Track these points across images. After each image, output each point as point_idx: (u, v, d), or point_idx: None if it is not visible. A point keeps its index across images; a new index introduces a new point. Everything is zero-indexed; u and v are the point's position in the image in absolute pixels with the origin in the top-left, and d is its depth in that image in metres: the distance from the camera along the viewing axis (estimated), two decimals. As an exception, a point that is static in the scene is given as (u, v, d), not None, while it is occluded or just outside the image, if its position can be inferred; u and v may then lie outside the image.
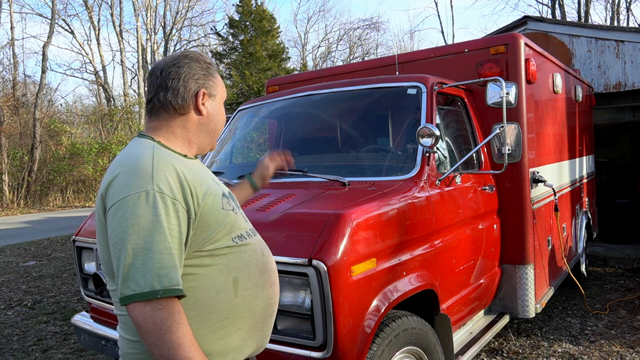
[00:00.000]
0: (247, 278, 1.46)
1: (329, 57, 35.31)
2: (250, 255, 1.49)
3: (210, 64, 1.56)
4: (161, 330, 1.24)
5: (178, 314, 1.27)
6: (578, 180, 5.62)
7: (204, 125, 1.54)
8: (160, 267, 1.26)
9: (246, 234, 1.52)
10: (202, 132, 1.55)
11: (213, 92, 1.55)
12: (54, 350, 4.44)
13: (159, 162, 1.36)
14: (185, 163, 1.46)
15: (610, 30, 7.59)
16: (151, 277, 1.25)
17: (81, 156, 20.73)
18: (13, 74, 23.28)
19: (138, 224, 1.27)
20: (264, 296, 1.51)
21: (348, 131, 3.60)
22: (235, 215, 1.49)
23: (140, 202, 1.28)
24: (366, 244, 2.34)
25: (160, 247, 1.27)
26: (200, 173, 1.47)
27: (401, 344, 2.43)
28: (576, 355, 3.92)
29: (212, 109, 1.55)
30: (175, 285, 1.27)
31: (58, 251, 9.42)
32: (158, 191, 1.30)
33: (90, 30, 33.91)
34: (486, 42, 3.84)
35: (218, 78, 1.58)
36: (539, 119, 4.20)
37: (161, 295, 1.24)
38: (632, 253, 7.13)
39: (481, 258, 3.40)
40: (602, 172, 9.23)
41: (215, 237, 1.41)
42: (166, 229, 1.28)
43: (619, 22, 24.49)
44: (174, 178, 1.35)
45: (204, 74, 1.53)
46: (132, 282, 1.25)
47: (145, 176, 1.32)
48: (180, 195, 1.34)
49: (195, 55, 1.54)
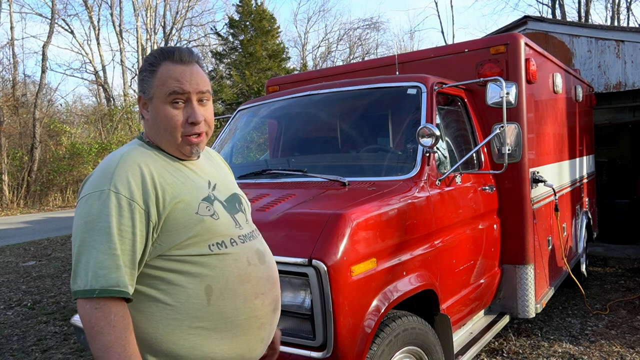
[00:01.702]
0: (224, 288, 1.41)
1: (329, 57, 35.34)
2: (230, 264, 1.43)
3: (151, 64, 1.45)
4: (94, 330, 1.25)
5: (115, 316, 1.26)
6: (578, 180, 5.62)
7: (154, 128, 1.48)
8: (100, 267, 1.26)
9: (230, 242, 1.45)
10: (158, 133, 1.47)
11: (147, 96, 1.46)
12: (54, 350, 4.44)
13: (124, 162, 1.36)
14: (167, 164, 1.45)
15: (610, 30, 7.59)
16: (91, 276, 1.26)
17: (81, 156, 20.72)
18: (13, 73, 23.30)
19: (90, 222, 1.30)
20: (246, 308, 1.44)
21: (348, 131, 3.60)
22: (214, 221, 1.43)
23: (95, 201, 1.31)
24: (366, 244, 2.34)
25: (104, 247, 1.27)
26: (182, 176, 1.44)
27: (401, 344, 2.43)
28: (576, 356, 3.92)
29: (152, 113, 1.46)
30: (114, 286, 1.26)
31: (58, 251, 9.42)
32: (114, 191, 1.31)
33: (90, 30, 33.93)
34: (486, 42, 3.84)
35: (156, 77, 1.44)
36: (539, 119, 4.20)
37: (97, 295, 1.25)
38: (632, 253, 7.13)
39: (481, 258, 3.40)
40: (602, 172, 9.23)
41: (185, 243, 1.37)
42: (114, 229, 1.29)
43: (619, 22, 24.49)
44: (136, 178, 1.34)
45: (141, 79, 1.48)
46: (78, 279, 1.28)
47: (106, 176, 1.34)
48: (139, 196, 1.33)
49: (146, 58, 1.50)
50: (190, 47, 1.54)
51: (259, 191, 2.85)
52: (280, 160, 3.98)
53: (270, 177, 3.21)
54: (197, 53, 1.54)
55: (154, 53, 1.48)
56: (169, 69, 1.44)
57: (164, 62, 1.45)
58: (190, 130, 1.45)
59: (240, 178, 3.19)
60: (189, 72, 1.45)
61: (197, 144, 1.48)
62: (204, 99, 1.49)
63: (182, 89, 1.43)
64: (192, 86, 1.45)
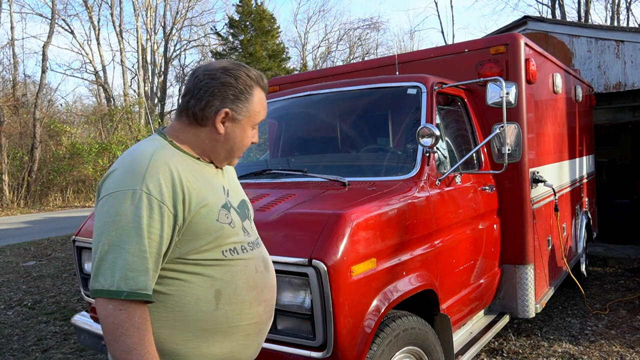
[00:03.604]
0: (233, 293, 1.42)
1: (329, 57, 35.33)
2: (241, 270, 1.45)
3: (249, 87, 1.46)
4: (117, 331, 1.24)
5: (140, 318, 1.26)
6: (578, 180, 5.62)
7: (220, 142, 1.48)
8: (130, 269, 1.26)
9: (241, 249, 1.47)
10: (217, 148, 1.49)
11: (238, 117, 1.46)
12: (54, 350, 4.44)
13: (155, 162, 1.34)
14: (192, 166, 1.43)
15: (610, 30, 7.60)
16: (119, 277, 1.25)
17: (81, 156, 20.71)
18: (13, 74, 23.30)
19: (119, 221, 1.28)
20: (249, 314, 1.47)
21: (348, 131, 3.60)
22: (231, 229, 1.45)
23: (126, 200, 1.29)
24: (366, 244, 2.34)
25: (135, 249, 1.27)
26: (204, 180, 1.44)
27: (401, 344, 2.43)
28: (576, 355, 3.92)
29: (232, 132, 1.47)
30: (142, 289, 1.26)
31: (58, 251, 9.42)
32: (146, 192, 1.29)
33: (90, 30, 33.92)
34: (486, 42, 3.84)
35: (253, 103, 1.48)
36: (539, 119, 4.20)
37: (125, 297, 1.24)
38: (632, 253, 7.13)
39: (481, 258, 3.40)
40: (602, 172, 9.23)
41: (203, 248, 1.38)
42: (145, 231, 1.28)
43: (619, 22, 24.49)
44: (167, 180, 1.33)
45: (234, 95, 1.44)
46: (101, 277, 1.26)
47: (137, 174, 1.31)
48: (169, 199, 1.32)
49: (236, 73, 1.45)
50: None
51: (259, 191, 2.85)
52: (280, 160, 3.98)
53: (270, 177, 3.21)
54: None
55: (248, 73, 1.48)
56: (261, 98, 1.52)
57: (256, 88, 1.50)
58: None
59: (241, 178, 3.16)
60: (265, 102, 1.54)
61: None
62: None
63: (264, 118, 1.54)
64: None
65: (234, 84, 1.44)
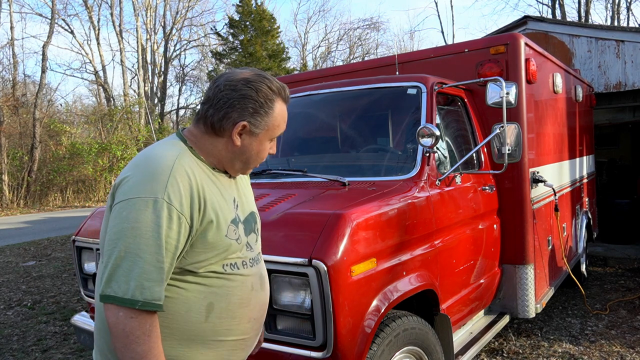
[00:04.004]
0: (225, 308, 1.42)
1: (329, 57, 35.35)
2: (237, 286, 1.44)
3: (269, 100, 1.43)
4: (128, 339, 1.24)
5: (150, 326, 1.26)
6: (578, 180, 5.62)
7: (236, 154, 1.46)
8: (146, 278, 1.25)
9: (242, 264, 1.47)
10: (233, 160, 1.47)
11: (256, 130, 1.43)
12: (54, 350, 4.44)
13: (177, 171, 1.33)
14: (208, 176, 1.43)
15: (610, 30, 7.59)
16: (134, 286, 1.24)
17: (81, 156, 20.71)
18: (13, 73, 23.30)
19: (138, 228, 1.26)
20: (237, 330, 1.46)
21: (348, 131, 3.60)
22: (237, 244, 1.44)
23: (147, 209, 1.27)
24: (366, 244, 2.34)
25: (152, 259, 1.26)
26: (218, 192, 1.43)
27: (401, 344, 2.43)
28: (576, 356, 3.92)
29: (248, 144, 1.45)
30: (157, 300, 1.27)
31: (58, 251, 9.42)
32: (167, 202, 1.28)
33: (90, 30, 33.90)
34: (486, 42, 3.84)
35: (272, 117, 1.45)
36: (539, 119, 4.20)
37: (139, 307, 1.24)
38: (632, 253, 7.13)
39: (481, 258, 3.40)
40: (602, 172, 9.23)
41: (209, 262, 1.38)
42: (163, 242, 1.27)
43: (619, 22, 24.49)
44: (186, 190, 1.32)
45: (253, 109, 1.41)
46: (115, 284, 1.25)
47: (160, 182, 1.30)
48: (187, 209, 1.32)
49: (257, 86, 1.42)
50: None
51: (259, 191, 2.85)
52: (280, 160, 3.98)
53: (270, 177, 3.21)
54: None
55: (270, 86, 1.44)
56: (282, 112, 1.48)
57: (277, 100, 1.47)
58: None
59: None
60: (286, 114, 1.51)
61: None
62: None
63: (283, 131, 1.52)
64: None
65: (254, 97, 1.41)
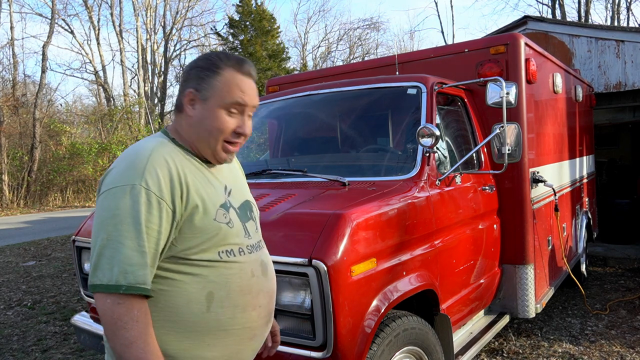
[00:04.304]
0: (225, 296, 1.41)
1: (329, 57, 35.31)
2: (235, 273, 1.44)
3: (214, 65, 1.43)
4: (116, 325, 1.25)
5: (139, 312, 1.27)
6: (578, 180, 5.62)
7: (194, 127, 1.45)
8: (128, 263, 1.26)
9: (238, 251, 1.46)
10: (196, 137, 1.46)
11: (205, 95, 1.42)
12: (54, 350, 4.44)
13: (155, 158, 1.35)
14: (192, 163, 1.44)
15: (610, 30, 7.59)
16: (117, 272, 1.26)
17: (81, 156, 20.72)
18: (13, 73, 23.31)
19: (118, 215, 1.28)
20: (242, 318, 1.45)
21: (348, 131, 3.60)
22: (229, 229, 1.44)
23: (125, 196, 1.29)
24: (366, 244, 2.34)
25: (133, 244, 1.27)
26: (203, 178, 1.44)
27: (401, 344, 2.43)
28: (576, 356, 3.92)
29: (200, 113, 1.43)
30: (141, 283, 1.27)
31: (58, 251, 9.42)
32: (145, 187, 1.30)
33: (90, 30, 33.87)
34: (486, 42, 3.84)
35: (219, 81, 1.43)
36: (539, 119, 4.20)
37: (124, 292, 1.25)
38: (632, 253, 7.13)
39: (481, 258, 3.40)
40: (602, 172, 9.23)
41: (200, 248, 1.38)
42: (143, 226, 1.28)
43: (619, 22, 24.49)
44: (165, 175, 1.34)
45: (198, 75, 1.43)
46: (100, 272, 1.27)
47: (137, 170, 1.32)
48: (168, 194, 1.33)
49: (207, 56, 1.46)
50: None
51: (259, 191, 2.85)
52: (280, 160, 3.98)
53: (270, 177, 3.21)
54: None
55: (217, 54, 1.47)
56: (237, 78, 1.45)
57: (229, 68, 1.45)
58: (234, 139, 1.47)
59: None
60: (252, 87, 1.49)
61: (233, 152, 1.51)
62: (251, 114, 1.53)
63: (244, 101, 1.46)
64: (252, 101, 1.48)
65: (201, 64, 1.45)
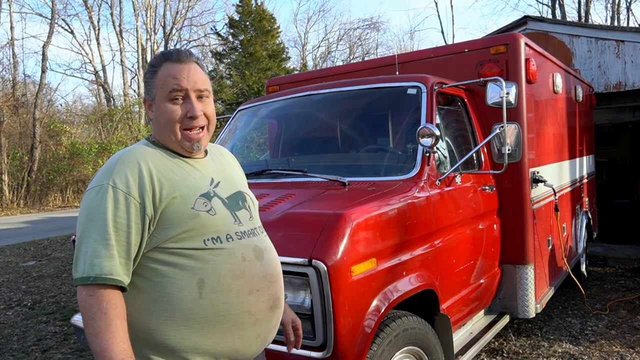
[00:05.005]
0: (217, 282, 1.44)
1: (329, 57, 35.33)
2: (224, 259, 1.46)
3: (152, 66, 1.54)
4: (87, 315, 1.32)
5: (108, 304, 1.32)
6: (578, 180, 5.62)
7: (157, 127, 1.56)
8: (95, 255, 1.34)
9: (226, 237, 1.48)
10: (159, 133, 1.56)
11: (152, 96, 1.54)
12: (54, 350, 4.44)
13: (125, 159, 1.45)
14: (170, 160, 1.51)
15: (610, 30, 7.59)
16: (87, 264, 1.34)
17: (81, 156, 20.72)
18: (13, 73, 23.30)
19: (89, 214, 1.38)
20: (239, 303, 1.47)
21: (348, 131, 3.60)
22: (210, 216, 1.47)
23: (97, 195, 1.40)
24: (366, 244, 2.34)
25: (99, 237, 1.35)
26: (182, 173, 1.50)
27: (401, 344, 2.43)
28: (576, 356, 3.92)
29: (155, 111, 1.55)
30: (107, 274, 1.33)
31: (58, 251, 9.42)
32: (112, 185, 1.39)
33: (90, 30, 33.90)
34: (486, 42, 3.84)
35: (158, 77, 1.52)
36: (539, 119, 4.20)
37: (92, 282, 1.32)
38: (632, 253, 7.13)
39: (481, 258, 3.40)
40: (602, 172, 9.23)
41: (181, 236, 1.43)
42: (110, 220, 1.36)
43: (619, 22, 24.49)
44: (134, 174, 1.42)
45: (146, 82, 1.57)
46: (78, 267, 1.36)
47: (107, 172, 1.43)
48: (135, 190, 1.40)
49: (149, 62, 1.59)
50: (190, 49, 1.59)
51: (259, 191, 2.85)
52: (280, 160, 3.98)
53: (270, 177, 3.21)
54: (196, 54, 1.62)
55: (155, 56, 1.58)
56: (168, 68, 1.52)
57: (164, 63, 1.53)
58: (189, 124, 1.52)
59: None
60: (187, 70, 1.52)
61: (198, 140, 1.54)
62: (203, 96, 1.56)
63: (180, 86, 1.51)
64: (190, 83, 1.52)
65: (146, 73, 1.58)
